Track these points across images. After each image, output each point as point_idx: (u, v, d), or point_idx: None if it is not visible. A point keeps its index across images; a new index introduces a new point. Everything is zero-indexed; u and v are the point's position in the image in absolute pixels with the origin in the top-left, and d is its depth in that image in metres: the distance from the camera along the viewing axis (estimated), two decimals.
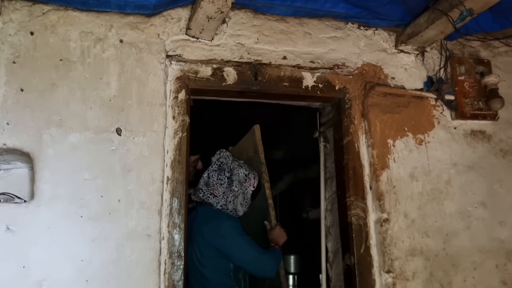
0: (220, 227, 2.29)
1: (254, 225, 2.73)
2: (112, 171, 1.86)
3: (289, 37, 2.24)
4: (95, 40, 1.96)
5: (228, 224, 2.31)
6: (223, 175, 2.45)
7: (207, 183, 2.45)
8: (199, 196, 2.45)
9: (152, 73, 2.00)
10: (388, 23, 2.33)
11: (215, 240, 2.28)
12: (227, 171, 2.47)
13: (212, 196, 2.42)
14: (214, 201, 2.42)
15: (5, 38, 1.85)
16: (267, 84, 2.18)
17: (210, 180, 2.45)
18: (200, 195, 2.44)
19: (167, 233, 1.90)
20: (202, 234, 2.30)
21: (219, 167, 2.48)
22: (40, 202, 1.75)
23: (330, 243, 2.58)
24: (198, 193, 2.46)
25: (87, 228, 1.78)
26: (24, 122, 1.81)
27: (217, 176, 2.44)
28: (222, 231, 2.28)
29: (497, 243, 2.27)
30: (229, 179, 2.45)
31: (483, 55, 2.52)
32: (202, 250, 2.31)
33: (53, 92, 1.87)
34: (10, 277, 1.67)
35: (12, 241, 1.70)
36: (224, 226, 2.30)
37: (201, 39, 2.10)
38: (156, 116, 1.96)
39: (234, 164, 2.50)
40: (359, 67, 2.32)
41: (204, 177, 2.47)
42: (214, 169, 2.48)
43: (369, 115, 2.27)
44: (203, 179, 2.47)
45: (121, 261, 1.78)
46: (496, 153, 2.40)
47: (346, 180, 2.23)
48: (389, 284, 2.08)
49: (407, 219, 2.17)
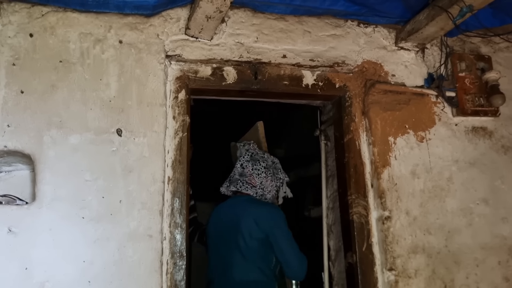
0: (274, 214, 2.23)
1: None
2: (113, 172, 1.86)
3: (288, 36, 2.23)
4: (95, 41, 1.96)
5: (281, 213, 2.26)
6: (259, 165, 2.40)
7: (242, 173, 2.40)
8: (236, 186, 2.38)
9: (152, 73, 2.00)
10: (388, 20, 2.32)
11: (268, 225, 2.19)
12: (262, 161, 2.42)
13: (250, 186, 2.36)
14: (253, 191, 2.36)
15: (5, 40, 1.86)
16: (267, 83, 2.18)
17: (245, 170, 2.39)
18: (238, 186, 2.37)
19: (169, 233, 1.90)
20: (251, 221, 2.20)
21: (251, 157, 2.43)
22: (41, 204, 1.76)
23: (332, 241, 2.57)
24: (234, 184, 2.39)
25: (89, 229, 1.78)
26: (25, 124, 1.81)
27: (252, 166, 2.38)
28: (276, 218, 2.22)
29: (500, 239, 2.27)
30: (265, 168, 2.40)
31: (483, 51, 2.51)
32: (246, 241, 2.20)
33: (53, 94, 1.87)
34: (13, 279, 1.68)
35: (14, 242, 1.70)
36: (278, 214, 2.25)
37: (200, 39, 2.10)
38: (156, 116, 1.96)
39: (267, 154, 2.49)
40: (359, 64, 2.32)
41: (238, 168, 2.41)
42: (247, 159, 2.41)
43: (369, 113, 2.26)
44: (237, 169, 2.41)
45: (123, 262, 1.79)
46: (497, 150, 2.39)
47: (347, 178, 2.23)
48: (391, 281, 2.08)
49: (409, 217, 2.17)
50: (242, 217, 2.23)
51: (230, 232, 2.25)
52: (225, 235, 2.29)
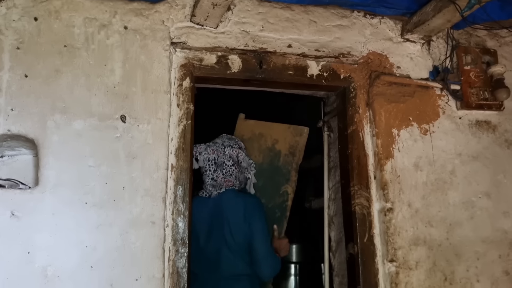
0: (257, 205, 2.34)
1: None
2: (117, 158, 1.86)
3: (294, 25, 2.22)
4: (99, 27, 1.94)
5: (262, 206, 2.37)
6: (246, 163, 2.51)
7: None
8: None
9: (157, 60, 1.98)
10: (394, 11, 2.30)
11: (253, 213, 2.27)
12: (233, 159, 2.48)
13: (238, 183, 2.46)
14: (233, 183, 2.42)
15: (9, 23, 1.84)
16: (272, 73, 2.17)
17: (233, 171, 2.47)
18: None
19: (172, 221, 1.90)
20: (239, 212, 2.27)
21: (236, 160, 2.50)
22: (45, 189, 1.76)
23: (333, 232, 2.58)
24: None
25: (92, 215, 1.78)
26: (28, 108, 1.80)
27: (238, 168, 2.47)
28: (259, 207, 2.32)
29: (501, 233, 2.27)
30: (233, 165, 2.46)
31: (489, 45, 2.50)
32: (233, 234, 2.26)
33: (57, 79, 1.86)
34: (15, 263, 1.68)
35: (17, 227, 1.70)
36: (259, 203, 2.37)
37: (205, 26, 2.08)
38: (160, 103, 1.95)
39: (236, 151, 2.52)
40: (364, 56, 2.30)
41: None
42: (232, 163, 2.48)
43: (374, 105, 2.26)
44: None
45: (125, 248, 1.79)
46: (501, 144, 2.39)
47: (350, 169, 2.23)
48: (392, 273, 2.08)
49: (411, 209, 2.17)
50: (229, 209, 2.29)
51: (216, 226, 2.29)
52: (210, 228, 2.31)
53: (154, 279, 1.80)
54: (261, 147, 2.83)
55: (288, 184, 2.75)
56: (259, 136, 2.84)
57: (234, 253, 2.27)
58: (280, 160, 2.80)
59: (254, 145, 2.82)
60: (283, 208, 2.76)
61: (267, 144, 2.83)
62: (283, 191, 2.78)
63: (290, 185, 2.73)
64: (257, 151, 2.81)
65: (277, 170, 2.81)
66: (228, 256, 2.27)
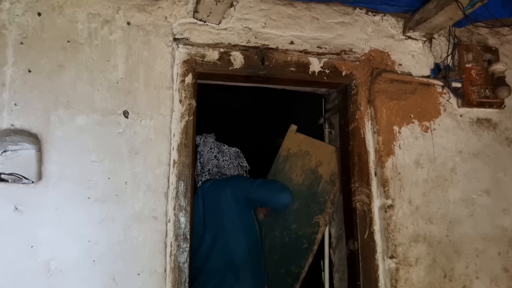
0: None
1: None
2: (119, 154, 1.86)
3: (296, 22, 2.22)
4: (103, 22, 1.95)
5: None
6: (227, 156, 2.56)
7: (217, 165, 2.52)
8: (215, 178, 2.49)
9: (160, 56, 1.99)
10: (396, 9, 2.31)
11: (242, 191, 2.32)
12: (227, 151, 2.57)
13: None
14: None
15: (13, 18, 1.85)
16: (274, 69, 2.17)
17: (219, 162, 2.53)
18: (216, 177, 2.49)
19: (173, 216, 1.91)
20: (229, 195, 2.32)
21: (219, 150, 2.56)
22: (48, 183, 1.76)
23: (334, 228, 2.60)
24: (214, 176, 2.49)
25: (94, 209, 1.79)
26: (32, 103, 1.81)
27: (222, 158, 2.54)
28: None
29: (500, 230, 2.28)
30: (231, 159, 2.56)
31: (491, 43, 2.50)
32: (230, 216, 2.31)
33: (60, 74, 1.86)
34: (19, 256, 1.69)
35: (21, 221, 1.71)
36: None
37: (208, 23, 2.09)
38: (163, 99, 1.96)
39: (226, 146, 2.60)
40: (366, 53, 2.31)
41: (213, 160, 2.53)
42: (217, 151, 2.54)
43: (375, 102, 2.27)
44: (213, 161, 2.52)
45: (127, 242, 1.80)
46: (501, 142, 2.40)
47: (351, 166, 2.24)
48: (392, 269, 2.10)
49: (411, 206, 2.18)
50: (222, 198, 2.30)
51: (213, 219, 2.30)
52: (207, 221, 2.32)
53: (156, 274, 1.81)
54: (304, 166, 2.65)
55: (321, 215, 2.56)
56: (305, 154, 2.66)
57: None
58: (319, 186, 2.60)
59: (298, 163, 2.66)
60: (311, 240, 2.57)
61: (311, 165, 2.64)
62: (315, 221, 2.58)
63: (324, 216, 2.56)
64: (300, 170, 2.65)
65: (314, 197, 2.60)
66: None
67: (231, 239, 2.26)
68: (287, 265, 2.61)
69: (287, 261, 2.61)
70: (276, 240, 2.63)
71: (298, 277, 2.59)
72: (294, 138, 2.70)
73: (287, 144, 2.71)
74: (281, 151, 2.71)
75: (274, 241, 2.63)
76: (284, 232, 2.63)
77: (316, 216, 2.57)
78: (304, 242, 2.59)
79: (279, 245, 2.62)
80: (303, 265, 2.57)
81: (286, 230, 2.62)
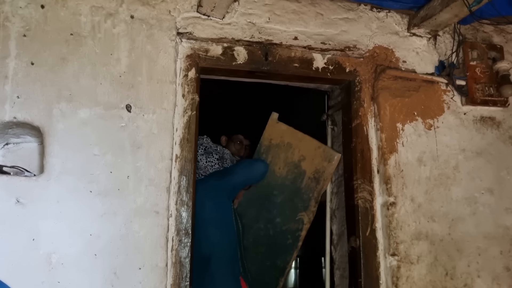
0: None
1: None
2: (122, 148, 1.86)
3: (300, 17, 2.21)
4: (106, 15, 1.94)
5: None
6: (212, 157, 2.55)
7: (197, 166, 2.49)
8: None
9: (163, 50, 1.98)
10: (401, 5, 2.29)
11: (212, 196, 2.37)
12: (215, 153, 2.57)
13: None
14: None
15: (16, 10, 1.84)
16: (277, 65, 2.16)
17: (199, 163, 2.53)
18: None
19: (175, 211, 1.91)
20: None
21: (205, 151, 2.56)
22: (50, 176, 1.76)
23: (335, 225, 2.59)
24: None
25: (96, 203, 1.79)
26: (34, 96, 1.80)
27: (206, 159, 2.53)
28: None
29: (503, 229, 2.28)
30: (219, 160, 2.55)
31: (495, 41, 2.49)
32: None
33: (63, 67, 1.85)
34: (20, 249, 1.69)
35: (22, 213, 1.71)
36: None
37: (212, 17, 2.08)
38: (166, 93, 1.95)
39: (220, 147, 2.63)
40: (370, 49, 2.30)
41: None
42: (201, 153, 2.55)
43: (378, 99, 2.26)
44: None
45: (129, 237, 1.80)
46: (505, 140, 2.39)
47: (354, 163, 2.23)
48: (393, 267, 2.09)
49: (414, 203, 2.18)
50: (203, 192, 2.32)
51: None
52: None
53: (157, 268, 1.81)
54: (287, 159, 2.62)
55: (305, 212, 2.53)
56: (288, 146, 2.62)
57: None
58: (303, 182, 2.56)
59: (281, 155, 2.63)
60: (295, 237, 2.59)
61: (294, 159, 2.60)
62: (299, 217, 2.57)
63: (307, 214, 2.53)
64: (283, 162, 2.62)
65: (298, 193, 2.58)
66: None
67: (210, 232, 2.31)
68: (272, 259, 2.66)
69: (272, 254, 2.66)
70: (261, 232, 2.67)
71: (283, 271, 2.64)
72: (276, 128, 2.66)
73: (268, 133, 2.68)
74: (262, 140, 2.70)
75: (258, 233, 2.67)
76: (268, 225, 2.67)
77: (300, 213, 2.58)
78: (289, 238, 2.62)
79: (263, 237, 2.66)
80: (288, 260, 2.62)
81: (271, 223, 2.66)
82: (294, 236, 2.61)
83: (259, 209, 2.69)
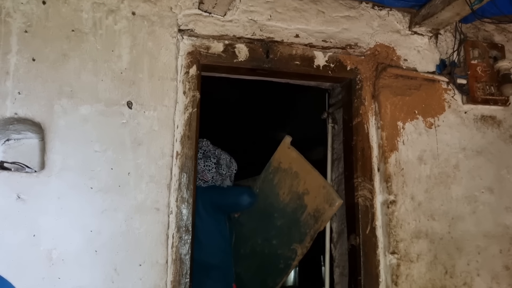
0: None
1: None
2: (123, 144, 1.86)
3: (302, 15, 2.21)
4: (107, 12, 1.94)
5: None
6: (210, 161, 2.57)
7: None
8: None
9: (164, 47, 1.98)
10: (403, 3, 2.29)
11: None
12: (213, 157, 2.58)
13: (203, 182, 2.54)
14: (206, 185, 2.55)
15: (17, 6, 1.83)
16: (279, 62, 2.16)
17: (197, 167, 2.50)
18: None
19: (176, 208, 1.91)
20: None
21: (203, 155, 2.58)
22: (51, 172, 1.76)
23: (335, 223, 2.59)
24: None
25: (97, 200, 1.79)
26: (36, 92, 1.80)
27: (203, 163, 2.54)
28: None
29: (502, 228, 2.28)
30: (216, 164, 2.57)
31: (497, 40, 2.49)
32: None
33: (64, 63, 1.85)
34: (21, 245, 1.69)
35: (23, 209, 1.71)
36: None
37: (213, 14, 2.08)
38: (167, 90, 1.95)
39: (218, 150, 2.64)
40: (371, 47, 2.30)
41: None
42: (199, 157, 2.56)
43: (379, 97, 2.26)
44: None
45: (129, 233, 1.80)
46: (505, 139, 2.39)
47: (354, 161, 2.23)
48: (393, 265, 2.10)
49: (414, 202, 2.18)
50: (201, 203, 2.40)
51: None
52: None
53: (158, 265, 1.81)
54: (292, 187, 2.61)
55: (299, 245, 2.55)
56: (294, 175, 2.60)
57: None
58: (302, 215, 2.54)
59: (287, 181, 2.63)
60: (287, 264, 2.64)
61: (298, 189, 2.58)
62: (293, 247, 2.59)
63: (301, 248, 2.55)
64: (288, 189, 2.62)
65: (296, 224, 2.57)
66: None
67: (205, 241, 2.37)
68: (263, 275, 2.74)
69: (264, 272, 2.74)
70: (257, 248, 2.76)
71: None
72: (287, 153, 2.68)
73: (279, 156, 2.71)
74: (272, 161, 2.74)
75: (255, 247, 2.78)
76: (265, 243, 2.74)
77: (295, 243, 2.59)
78: (281, 263, 2.67)
79: (259, 253, 2.75)
80: (278, 282, 2.71)
81: (267, 242, 2.72)
82: (286, 263, 2.65)
83: (260, 224, 2.75)
